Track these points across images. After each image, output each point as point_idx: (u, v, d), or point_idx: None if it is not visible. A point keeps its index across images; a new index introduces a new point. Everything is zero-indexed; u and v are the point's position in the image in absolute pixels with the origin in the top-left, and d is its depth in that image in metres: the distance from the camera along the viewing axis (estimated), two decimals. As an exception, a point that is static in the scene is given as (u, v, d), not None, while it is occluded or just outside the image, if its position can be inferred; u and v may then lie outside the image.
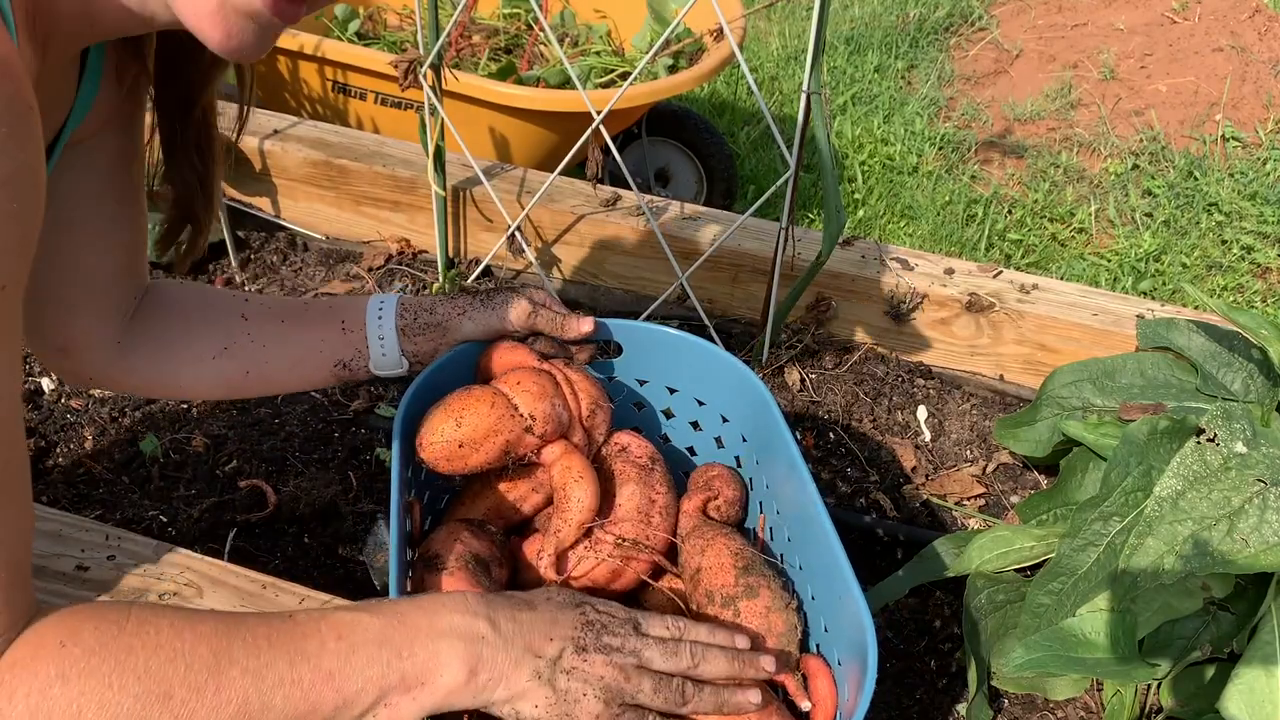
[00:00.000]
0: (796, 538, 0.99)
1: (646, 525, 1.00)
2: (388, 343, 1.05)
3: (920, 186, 2.88)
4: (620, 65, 2.29)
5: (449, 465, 0.97)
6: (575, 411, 1.02)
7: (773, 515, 1.06)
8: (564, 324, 1.07)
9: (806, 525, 0.96)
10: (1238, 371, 1.28)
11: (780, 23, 3.65)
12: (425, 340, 1.06)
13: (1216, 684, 1.01)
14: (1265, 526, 0.92)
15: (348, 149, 1.78)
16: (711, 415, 1.15)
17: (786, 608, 0.93)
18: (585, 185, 1.72)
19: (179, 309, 1.06)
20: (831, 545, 0.89)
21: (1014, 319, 1.54)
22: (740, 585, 0.94)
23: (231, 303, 1.07)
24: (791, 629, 0.92)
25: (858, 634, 0.82)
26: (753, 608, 0.92)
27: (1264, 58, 3.16)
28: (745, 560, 0.97)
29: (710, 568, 0.97)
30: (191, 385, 1.06)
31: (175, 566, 1.09)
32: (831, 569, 0.89)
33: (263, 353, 1.04)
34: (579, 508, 0.96)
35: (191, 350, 1.04)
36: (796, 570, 1.00)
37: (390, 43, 2.38)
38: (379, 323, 1.04)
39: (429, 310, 1.06)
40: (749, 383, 1.07)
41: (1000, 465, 1.47)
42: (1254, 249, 2.62)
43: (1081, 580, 1.03)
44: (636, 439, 1.07)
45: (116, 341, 1.02)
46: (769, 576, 0.96)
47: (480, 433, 0.96)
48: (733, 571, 0.95)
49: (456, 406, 0.97)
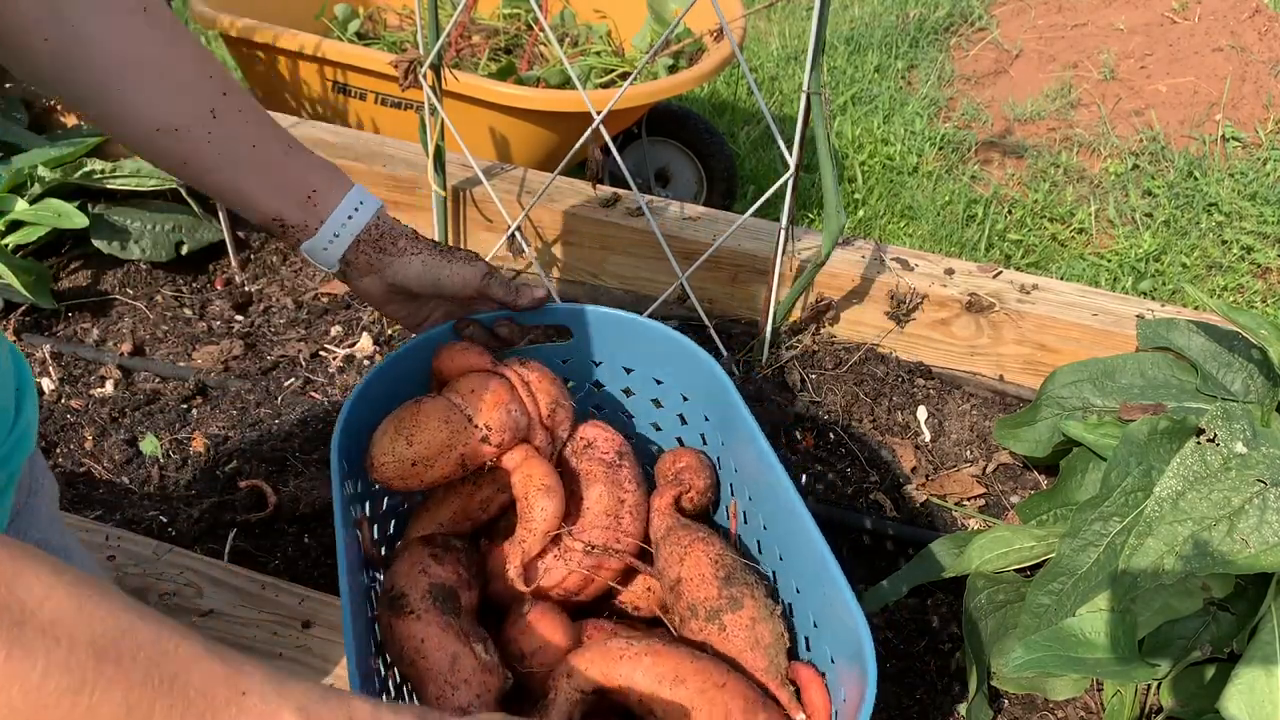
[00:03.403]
0: (772, 524, 0.97)
1: (616, 528, 0.97)
2: (340, 240, 0.98)
3: (920, 186, 2.88)
4: (620, 65, 2.29)
5: (403, 484, 0.93)
6: (535, 414, 0.98)
7: (744, 500, 1.03)
8: (518, 290, 1.04)
9: (780, 512, 0.93)
10: (1238, 372, 1.28)
11: (780, 23, 3.65)
12: (369, 259, 1.00)
13: (1216, 684, 1.01)
14: (1265, 527, 0.92)
15: (348, 149, 1.78)
16: (671, 394, 1.12)
17: (772, 615, 0.90)
18: (585, 185, 1.72)
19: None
20: (811, 537, 0.87)
21: (1014, 319, 1.54)
22: (724, 597, 0.91)
23: (214, 82, 0.91)
24: (779, 638, 0.89)
25: (850, 633, 0.81)
26: (738, 621, 0.89)
27: (1264, 58, 3.16)
28: (726, 568, 0.93)
29: (691, 579, 0.93)
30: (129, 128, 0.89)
31: (175, 566, 1.09)
32: (812, 559, 0.87)
33: (215, 156, 0.92)
34: (543, 517, 0.93)
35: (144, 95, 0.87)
36: (777, 560, 0.97)
37: (390, 43, 2.38)
38: (346, 222, 0.98)
39: (392, 238, 1.01)
40: (706, 367, 1.04)
41: (1000, 465, 1.47)
42: (1254, 249, 2.62)
43: (1081, 580, 1.03)
44: (602, 431, 1.04)
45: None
46: (752, 584, 0.93)
47: (434, 449, 0.92)
48: (715, 583, 0.92)
49: (408, 423, 0.93)
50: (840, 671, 0.84)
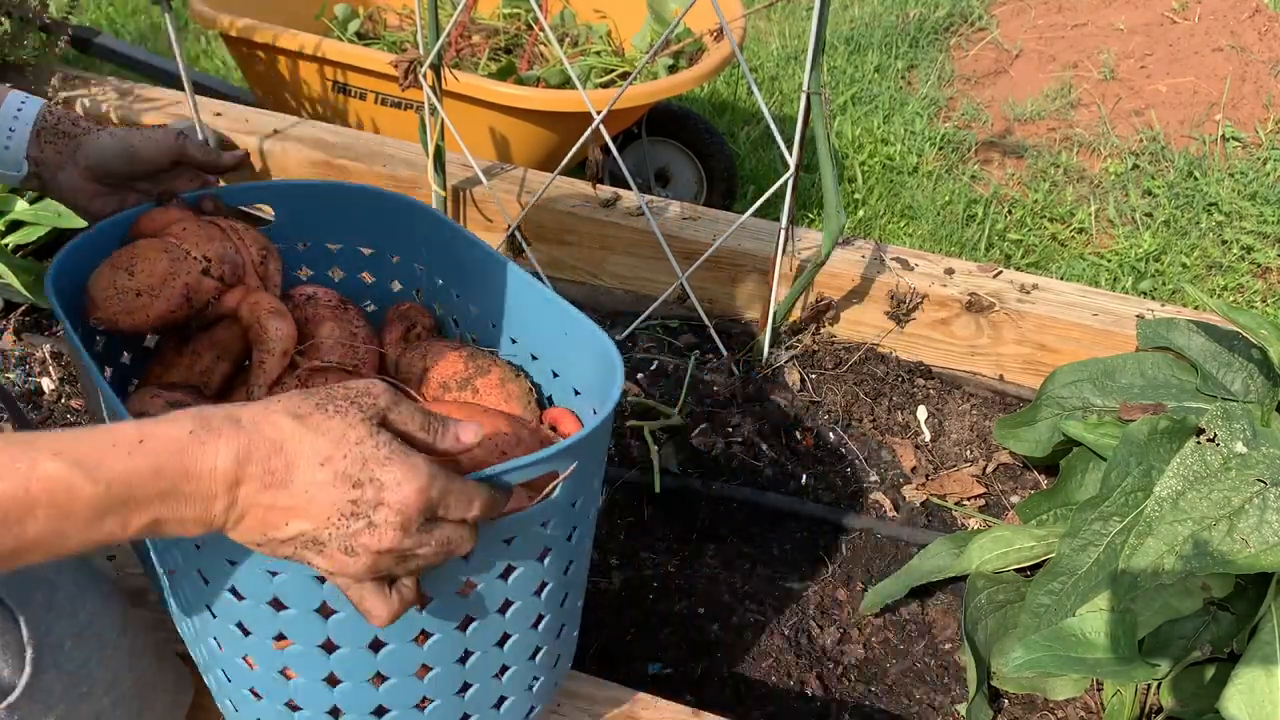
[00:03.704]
0: (505, 314, 1.03)
1: (353, 350, 1.00)
2: (15, 137, 0.96)
3: (920, 186, 2.88)
4: (620, 65, 2.29)
5: (130, 320, 0.92)
6: (247, 258, 1.00)
7: (472, 308, 1.07)
8: (217, 153, 1.04)
9: (512, 295, 1.00)
10: (1238, 371, 1.28)
11: (780, 23, 3.65)
12: (56, 149, 0.97)
13: (1216, 684, 1.01)
14: (1265, 526, 0.92)
15: (348, 149, 1.78)
16: (382, 261, 1.13)
17: (518, 376, 1.00)
18: (585, 185, 1.72)
19: None
20: (546, 299, 0.95)
21: (1014, 319, 1.54)
22: (471, 368, 0.98)
23: None
24: (527, 392, 0.99)
25: (589, 347, 0.89)
26: (489, 383, 0.96)
27: (1264, 58, 3.16)
28: (468, 350, 1.01)
29: (437, 365, 0.99)
30: None
31: (175, 566, 1.09)
32: (546, 314, 0.96)
33: None
34: (279, 337, 0.94)
35: None
36: (510, 344, 1.04)
37: (390, 43, 2.38)
38: (17, 115, 0.96)
39: (72, 120, 0.99)
40: (408, 206, 1.06)
41: (1000, 465, 1.47)
42: (1254, 249, 2.62)
43: (1081, 580, 1.03)
44: (320, 287, 1.06)
45: None
46: (494, 357, 1.02)
47: (156, 278, 0.92)
48: (460, 360, 0.99)
49: (125, 258, 0.92)
50: (587, 394, 0.94)
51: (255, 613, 0.76)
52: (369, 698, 0.81)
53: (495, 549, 0.76)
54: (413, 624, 0.77)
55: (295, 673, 0.80)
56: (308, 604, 0.74)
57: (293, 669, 0.80)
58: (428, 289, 1.12)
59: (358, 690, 0.80)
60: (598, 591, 1.28)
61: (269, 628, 0.77)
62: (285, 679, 0.81)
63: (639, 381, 1.58)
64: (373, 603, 0.68)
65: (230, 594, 0.75)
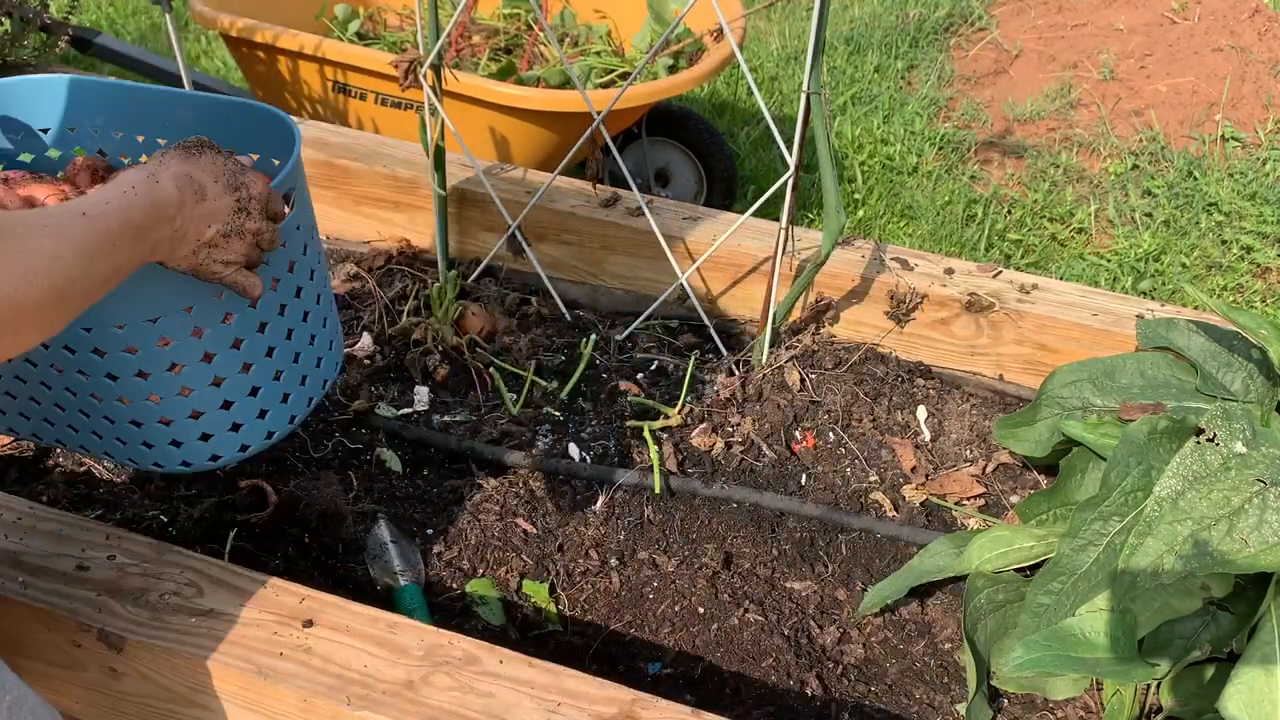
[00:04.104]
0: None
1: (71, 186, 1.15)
2: None
3: (920, 186, 2.88)
4: (620, 65, 2.29)
5: None
6: None
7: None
8: None
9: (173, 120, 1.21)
10: (1237, 371, 1.28)
11: (780, 23, 3.65)
12: None
13: (1216, 684, 1.01)
14: (1265, 526, 0.92)
15: (348, 149, 1.78)
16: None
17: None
18: (585, 185, 1.72)
19: None
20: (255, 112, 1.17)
21: (1014, 319, 1.54)
22: None
23: None
24: None
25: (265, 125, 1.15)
26: None
27: (1264, 58, 3.16)
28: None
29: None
30: None
31: (175, 566, 1.09)
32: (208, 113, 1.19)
33: None
34: None
35: None
36: None
37: (390, 43, 2.38)
38: None
39: None
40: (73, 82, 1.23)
41: (1000, 465, 1.47)
42: (1254, 249, 2.62)
43: (1081, 580, 1.03)
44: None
45: None
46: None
47: None
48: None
49: None
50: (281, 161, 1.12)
51: (149, 353, 1.01)
52: (241, 378, 1.10)
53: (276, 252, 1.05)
54: (255, 315, 1.06)
55: (190, 387, 1.06)
56: (185, 331, 1.01)
57: (187, 385, 1.05)
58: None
59: (232, 367, 1.08)
60: (598, 591, 1.28)
61: (163, 361, 1.03)
62: (183, 397, 1.06)
63: (639, 381, 1.58)
64: (248, 281, 0.98)
65: (126, 354, 1.01)
